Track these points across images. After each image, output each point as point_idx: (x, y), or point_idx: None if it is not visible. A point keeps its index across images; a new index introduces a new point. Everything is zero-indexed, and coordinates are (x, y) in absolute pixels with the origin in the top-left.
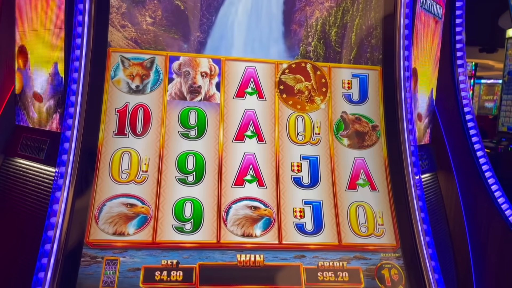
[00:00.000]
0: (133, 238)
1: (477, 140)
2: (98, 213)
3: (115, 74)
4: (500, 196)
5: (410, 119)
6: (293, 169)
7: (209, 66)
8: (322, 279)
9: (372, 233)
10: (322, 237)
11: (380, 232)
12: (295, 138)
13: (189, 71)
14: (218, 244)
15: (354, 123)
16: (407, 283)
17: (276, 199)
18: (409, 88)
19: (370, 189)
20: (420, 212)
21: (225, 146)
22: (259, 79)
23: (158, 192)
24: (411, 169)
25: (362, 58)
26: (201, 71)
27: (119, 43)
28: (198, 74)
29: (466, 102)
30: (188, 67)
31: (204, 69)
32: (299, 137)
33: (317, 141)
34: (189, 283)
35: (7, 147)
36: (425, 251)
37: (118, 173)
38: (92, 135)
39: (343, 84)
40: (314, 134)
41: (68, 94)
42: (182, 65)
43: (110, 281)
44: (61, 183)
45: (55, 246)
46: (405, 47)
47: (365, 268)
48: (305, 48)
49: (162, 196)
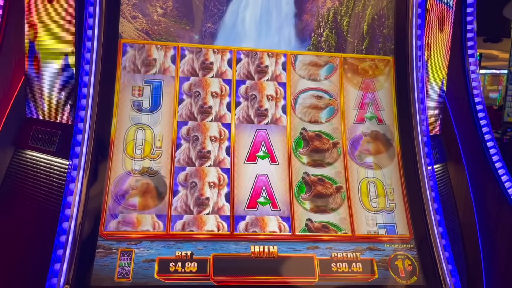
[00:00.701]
0: (148, 230)
1: (487, 131)
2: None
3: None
4: (511, 187)
5: (422, 110)
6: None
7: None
8: (335, 270)
9: (383, 208)
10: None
11: (391, 207)
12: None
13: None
14: (232, 236)
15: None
16: (420, 273)
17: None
18: (421, 78)
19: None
20: (433, 203)
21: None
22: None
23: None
24: (424, 160)
25: (374, 48)
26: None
27: (130, 34)
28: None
29: (477, 92)
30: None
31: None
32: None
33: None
34: (203, 274)
35: (18, 139)
36: (438, 242)
37: (131, 164)
38: (105, 127)
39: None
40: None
41: (80, 86)
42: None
43: (125, 272)
44: (75, 175)
45: (70, 238)
46: (418, 36)
47: (379, 259)
48: (316, 38)
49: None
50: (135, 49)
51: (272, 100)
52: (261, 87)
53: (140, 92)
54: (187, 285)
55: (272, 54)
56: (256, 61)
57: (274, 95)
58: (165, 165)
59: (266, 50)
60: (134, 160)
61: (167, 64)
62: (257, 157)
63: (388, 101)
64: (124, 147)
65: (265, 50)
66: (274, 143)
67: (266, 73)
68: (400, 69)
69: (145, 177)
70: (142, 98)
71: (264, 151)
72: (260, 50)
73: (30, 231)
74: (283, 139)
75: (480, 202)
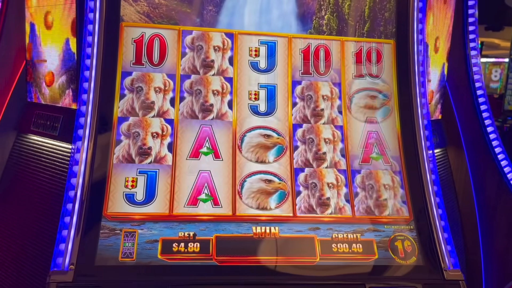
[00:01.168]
0: (150, 211)
1: (487, 116)
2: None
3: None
4: (510, 172)
5: (423, 93)
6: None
7: (222, 40)
8: (336, 250)
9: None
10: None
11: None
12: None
13: (202, 45)
14: (234, 217)
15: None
16: (420, 254)
17: (290, 173)
18: (422, 61)
19: (384, 162)
20: (433, 186)
21: (238, 121)
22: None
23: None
24: (424, 143)
25: (376, 32)
26: (214, 45)
27: (132, 18)
28: (211, 48)
29: (478, 78)
30: (200, 41)
31: (217, 43)
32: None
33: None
34: (206, 254)
35: (20, 124)
36: (438, 223)
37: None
38: (107, 109)
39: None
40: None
41: (82, 69)
42: (195, 39)
43: (129, 253)
44: (78, 157)
45: (75, 219)
46: (419, 20)
47: (379, 240)
48: (318, 21)
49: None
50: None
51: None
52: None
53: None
54: (190, 265)
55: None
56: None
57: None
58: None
59: (266, 33)
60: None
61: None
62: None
63: (389, 84)
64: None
65: (266, 33)
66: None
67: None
68: (401, 53)
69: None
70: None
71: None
72: (260, 33)
73: (34, 214)
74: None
75: (480, 187)
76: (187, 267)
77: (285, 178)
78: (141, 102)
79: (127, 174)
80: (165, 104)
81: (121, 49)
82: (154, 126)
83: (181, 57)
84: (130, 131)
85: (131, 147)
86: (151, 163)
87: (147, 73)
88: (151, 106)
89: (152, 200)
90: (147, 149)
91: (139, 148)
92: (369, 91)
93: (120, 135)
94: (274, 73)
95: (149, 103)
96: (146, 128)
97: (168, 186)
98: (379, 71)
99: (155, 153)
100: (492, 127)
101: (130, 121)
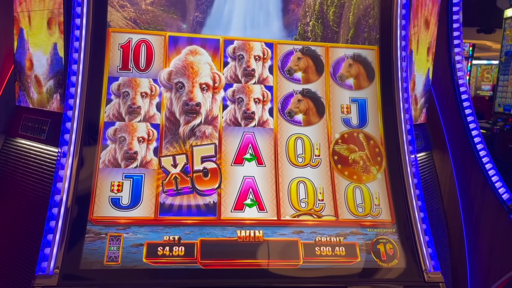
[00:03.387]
0: (135, 215)
1: (472, 120)
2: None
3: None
4: (494, 174)
5: (406, 98)
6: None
7: (262, 50)
8: (319, 253)
9: (368, 213)
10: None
11: (377, 212)
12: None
13: (243, 55)
14: (219, 221)
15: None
16: (401, 257)
17: (275, 177)
18: (405, 67)
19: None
20: (415, 189)
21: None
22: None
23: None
24: (407, 148)
25: (360, 38)
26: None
27: (118, 23)
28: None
29: (462, 82)
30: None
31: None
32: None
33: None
34: (190, 258)
35: (8, 127)
36: (419, 226)
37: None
38: (94, 115)
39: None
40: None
41: (68, 75)
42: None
43: (114, 256)
44: (64, 162)
45: (60, 223)
46: (402, 26)
47: (361, 243)
48: (303, 28)
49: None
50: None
51: (207, 91)
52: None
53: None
54: (175, 269)
55: (258, 58)
56: (243, 65)
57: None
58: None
59: (252, 40)
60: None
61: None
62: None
63: (373, 90)
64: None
65: (252, 40)
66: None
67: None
68: (385, 59)
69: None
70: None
71: (251, 153)
72: (247, 39)
73: (22, 218)
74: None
75: (464, 190)
76: (172, 271)
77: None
78: (128, 107)
79: (113, 178)
80: (151, 109)
81: (107, 55)
82: (140, 131)
83: (167, 63)
84: (116, 135)
85: (117, 152)
86: (136, 167)
87: (133, 79)
88: (137, 111)
89: (137, 204)
90: (133, 153)
91: (125, 152)
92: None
93: (106, 140)
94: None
95: (135, 108)
96: (132, 133)
97: (154, 190)
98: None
99: (140, 158)
100: (477, 131)
101: (116, 126)
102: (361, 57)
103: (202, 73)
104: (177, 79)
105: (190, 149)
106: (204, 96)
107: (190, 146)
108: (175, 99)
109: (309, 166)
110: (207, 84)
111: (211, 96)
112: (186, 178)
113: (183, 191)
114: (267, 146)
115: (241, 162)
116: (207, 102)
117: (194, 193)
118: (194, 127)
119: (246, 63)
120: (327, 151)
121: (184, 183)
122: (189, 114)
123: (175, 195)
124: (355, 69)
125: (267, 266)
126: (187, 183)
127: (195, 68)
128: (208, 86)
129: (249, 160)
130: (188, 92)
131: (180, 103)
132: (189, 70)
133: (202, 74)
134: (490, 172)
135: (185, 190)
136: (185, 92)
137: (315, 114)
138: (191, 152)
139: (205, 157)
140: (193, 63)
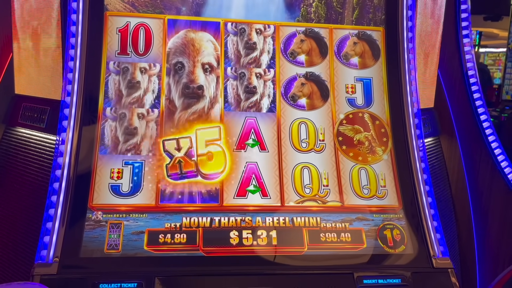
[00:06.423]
0: (136, 202)
1: (481, 104)
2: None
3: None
4: (503, 160)
5: (412, 80)
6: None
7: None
8: (324, 240)
9: (374, 195)
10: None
11: (382, 193)
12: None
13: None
14: (221, 207)
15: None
16: (409, 242)
17: (278, 163)
18: (412, 49)
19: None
20: (422, 174)
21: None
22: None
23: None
24: (414, 131)
25: (365, 19)
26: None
27: (116, 7)
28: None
29: (470, 65)
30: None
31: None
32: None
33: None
34: (192, 245)
35: (8, 116)
36: (427, 212)
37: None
38: (92, 100)
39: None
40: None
41: (66, 60)
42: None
43: (115, 244)
44: (63, 149)
45: (59, 211)
46: (408, 6)
47: (367, 229)
48: (305, 9)
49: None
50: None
51: (210, 73)
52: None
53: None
54: (177, 256)
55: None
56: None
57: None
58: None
59: (254, 22)
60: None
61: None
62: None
63: (378, 71)
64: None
65: (253, 22)
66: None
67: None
68: (391, 40)
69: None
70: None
71: (254, 138)
72: (248, 21)
73: (22, 206)
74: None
75: (473, 176)
76: (174, 258)
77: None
78: (127, 82)
79: (113, 165)
80: (150, 86)
81: (105, 39)
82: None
83: (167, 47)
84: (117, 112)
85: (117, 129)
86: (136, 153)
87: (132, 63)
88: (137, 86)
89: (138, 191)
90: (133, 129)
91: (125, 128)
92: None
93: (105, 123)
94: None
95: (134, 83)
96: (132, 109)
97: (154, 177)
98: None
99: (141, 135)
100: (486, 115)
101: (116, 103)
102: (366, 35)
103: (204, 52)
104: (176, 59)
105: (194, 132)
106: (207, 79)
107: (194, 130)
108: (174, 82)
109: (313, 151)
110: (210, 65)
111: (215, 80)
112: (190, 161)
113: (188, 175)
114: (270, 131)
115: (244, 148)
116: (210, 87)
117: (198, 177)
118: (197, 111)
119: (247, 36)
120: (332, 135)
121: (189, 167)
122: (190, 98)
123: (179, 179)
124: (360, 47)
125: (271, 253)
126: (192, 167)
127: (196, 46)
128: (212, 68)
129: (252, 145)
130: (189, 73)
131: (179, 87)
132: (189, 48)
133: (204, 52)
134: (499, 157)
135: (190, 173)
136: (185, 74)
137: (319, 98)
138: (196, 135)
139: (210, 140)
140: (194, 40)
